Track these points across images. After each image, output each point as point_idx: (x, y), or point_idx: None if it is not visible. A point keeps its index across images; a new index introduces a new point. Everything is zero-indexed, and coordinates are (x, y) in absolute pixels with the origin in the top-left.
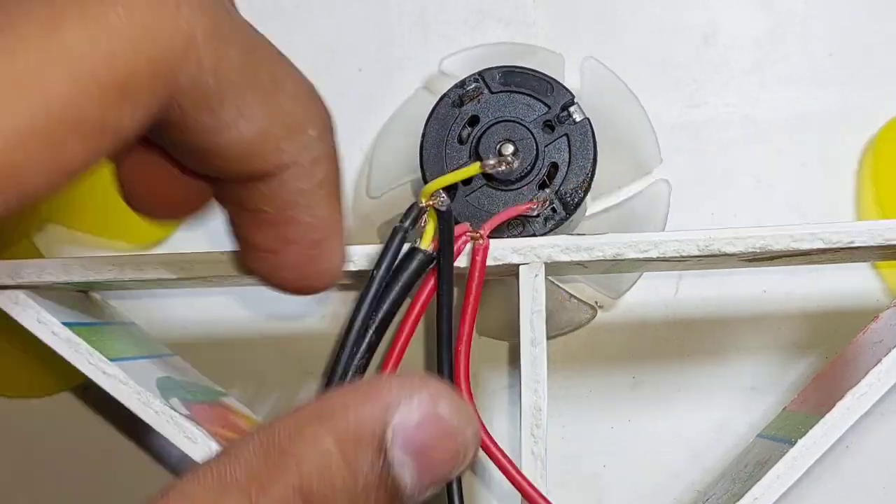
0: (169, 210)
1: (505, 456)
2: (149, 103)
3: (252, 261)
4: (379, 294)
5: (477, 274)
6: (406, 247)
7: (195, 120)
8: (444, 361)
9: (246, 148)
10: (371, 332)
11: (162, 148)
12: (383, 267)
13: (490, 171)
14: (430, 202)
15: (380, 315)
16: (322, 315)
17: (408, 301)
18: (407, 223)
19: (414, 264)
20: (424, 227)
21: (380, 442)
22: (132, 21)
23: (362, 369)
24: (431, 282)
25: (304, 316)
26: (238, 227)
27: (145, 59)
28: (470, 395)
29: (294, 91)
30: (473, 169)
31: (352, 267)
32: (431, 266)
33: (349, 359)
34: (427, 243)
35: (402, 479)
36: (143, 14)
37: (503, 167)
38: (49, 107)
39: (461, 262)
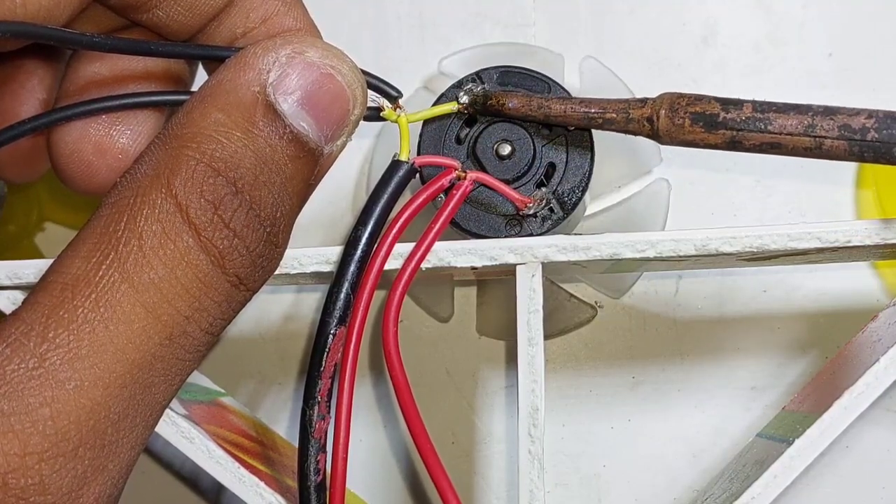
0: (102, 183)
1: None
2: None
3: None
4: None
5: (447, 211)
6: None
7: None
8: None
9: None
10: (363, 243)
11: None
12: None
13: (463, 109)
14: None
15: (368, 228)
16: None
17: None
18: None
19: (401, 173)
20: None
21: (265, 100)
22: None
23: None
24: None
25: (303, 316)
26: None
27: None
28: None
29: None
30: (451, 106)
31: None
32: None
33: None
34: (405, 154)
35: (301, 128)
36: None
37: (474, 91)
38: None
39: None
